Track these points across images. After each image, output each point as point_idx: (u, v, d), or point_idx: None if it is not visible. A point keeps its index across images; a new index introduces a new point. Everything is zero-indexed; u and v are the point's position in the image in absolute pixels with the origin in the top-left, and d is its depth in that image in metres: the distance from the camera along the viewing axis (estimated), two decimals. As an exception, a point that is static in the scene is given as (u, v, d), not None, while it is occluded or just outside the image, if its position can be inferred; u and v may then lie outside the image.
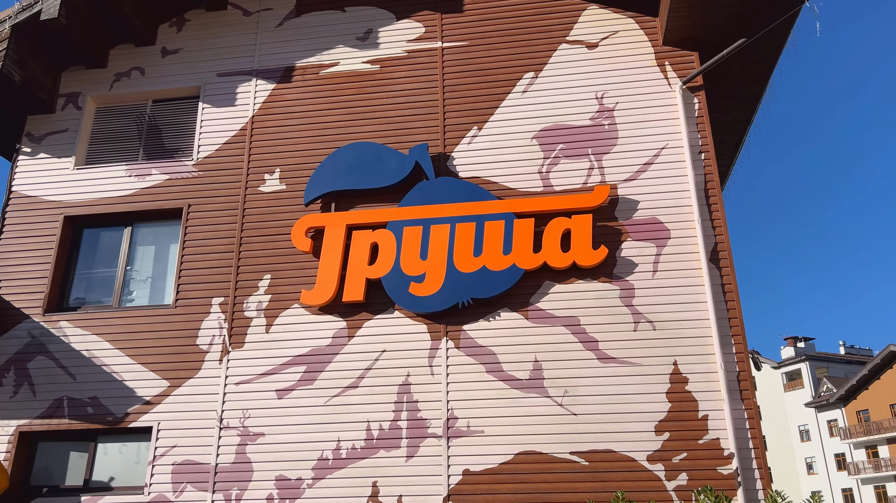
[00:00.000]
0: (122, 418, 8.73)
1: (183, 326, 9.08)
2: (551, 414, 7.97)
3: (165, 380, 8.83)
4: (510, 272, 8.48)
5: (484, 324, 8.50)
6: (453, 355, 8.42)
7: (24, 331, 9.33)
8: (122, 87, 10.71)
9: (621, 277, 8.44)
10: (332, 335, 8.75)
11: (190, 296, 9.24)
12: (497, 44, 9.94)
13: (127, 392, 8.84)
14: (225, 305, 9.11)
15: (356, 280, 8.78)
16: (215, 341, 8.95)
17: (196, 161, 9.97)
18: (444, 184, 9.12)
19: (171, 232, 9.90)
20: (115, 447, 8.81)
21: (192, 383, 8.77)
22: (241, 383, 8.68)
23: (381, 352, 8.56)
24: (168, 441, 8.52)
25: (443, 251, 8.71)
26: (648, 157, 8.96)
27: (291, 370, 8.65)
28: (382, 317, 8.73)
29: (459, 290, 8.51)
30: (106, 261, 9.95)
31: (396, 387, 8.37)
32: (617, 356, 8.10)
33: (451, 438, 8.03)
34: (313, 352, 8.69)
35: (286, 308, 8.98)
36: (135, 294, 9.73)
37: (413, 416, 8.20)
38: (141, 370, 8.93)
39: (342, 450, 8.16)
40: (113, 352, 9.08)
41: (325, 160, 9.50)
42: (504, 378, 8.20)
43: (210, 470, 8.29)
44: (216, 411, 8.57)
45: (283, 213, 9.48)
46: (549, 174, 9.08)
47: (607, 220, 8.71)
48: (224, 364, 8.80)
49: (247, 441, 8.38)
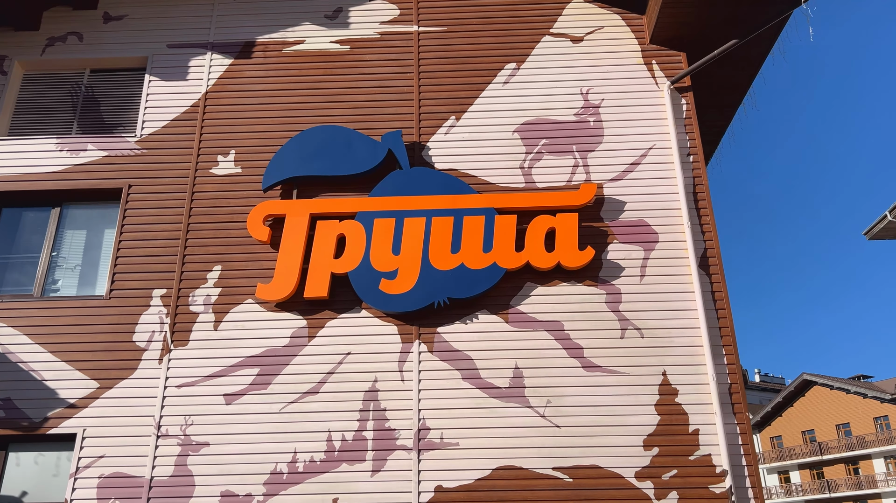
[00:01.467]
0: (39, 423, 7.56)
1: (117, 320, 8.00)
2: (532, 426, 7.33)
3: (94, 381, 7.72)
4: (490, 271, 7.84)
5: (460, 326, 7.80)
6: (426, 360, 7.67)
7: (-75, 321, 8.04)
8: (56, 52, 9.56)
9: (607, 281, 7.93)
10: (290, 335, 7.86)
11: (127, 286, 8.17)
12: (476, 31, 9.37)
13: (47, 393, 7.68)
14: (167, 298, 8.09)
15: (320, 274, 7.94)
16: (155, 338, 7.91)
17: (140, 138, 8.93)
18: (420, 174, 8.42)
19: (106, 215, 8.80)
20: (29, 457, 7.61)
21: (125, 384, 7.69)
22: (183, 386, 7.67)
23: (346, 355, 7.73)
24: (94, 450, 7.40)
25: (417, 246, 7.98)
26: (635, 157, 8.53)
27: (242, 372, 7.71)
28: (348, 315, 7.92)
29: (435, 289, 7.80)
30: (27, 245, 8.75)
31: (362, 393, 7.55)
32: (603, 365, 7.55)
33: (422, 451, 7.26)
34: (268, 353, 7.78)
35: (238, 303, 8.04)
36: (60, 284, 8.56)
37: (380, 426, 7.40)
38: (65, 369, 7.79)
39: (299, 462, 7.27)
40: (32, 347, 7.90)
41: (288, 143, 8.65)
42: (481, 386, 7.51)
43: (144, 484, 7.23)
44: (153, 417, 7.53)
45: (237, 198, 8.56)
46: (532, 170, 8.52)
47: (593, 220, 8.20)
48: (164, 364, 7.77)
49: (188, 451, 7.36)
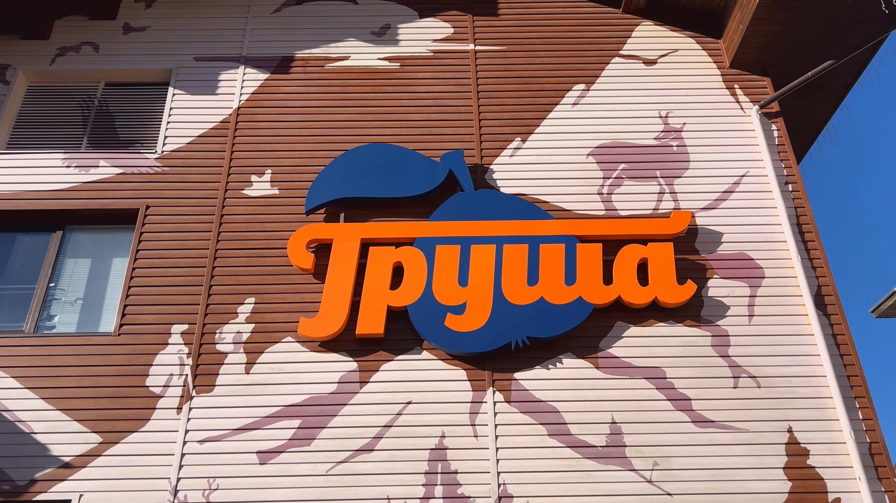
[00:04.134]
0: (23, 487, 6.05)
1: (128, 360, 6.63)
2: (639, 493, 6.01)
3: (95, 435, 6.28)
4: (576, 307, 6.68)
5: (542, 372, 6.57)
6: (503, 411, 6.39)
7: None
8: (67, 63, 8.51)
9: (711, 321, 6.80)
10: (338, 379, 6.55)
11: (141, 321, 6.84)
12: (538, 51, 8.54)
13: (35, 450, 6.21)
14: (189, 335, 6.76)
15: (374, 308, 6.71)
16: (173, 382, 6.54)
17: (160, 154, 7.79)
18: (486, 197, 7.36)
19: (116, 240, 7.55)
20: (7, 531, 6.07)
21: (135, 439, 6.26)
22: (207, 441, 6.26)
23: (406, 405, 6.42)
24: (92, 522, 5.91)
25: (488, 277, 6.83)
26: (728, 185, 7.57)
27: (280, 425, 6.33)
28: (407, 357, 6.65)
29: (512, 327, 6.59)
30: (19, 274, 7.42)
31: (427, 451, 6.20)
32: (716, 419, 6.32)
33: (505, 524, 5.89)
34: (311, 402, 6.44)
35: (275, 342, 6.74)
36: (57, 319, 7.20)
37: (452, 492, 6.02)
38: (60, 419, 6.34)
39: (352, 538, 5.83)
40: (20, 392, 6.47)
41: (334, 161, 7.57)
42: (573, 444, 6.22)
43: (154, 566, 5.72)
44: (169, 479, 6.07)
45: (273, 222, 7.38)
46: (612, 196, 7.50)
47: (687, 252, 7.15)
48: (184, 414, 6.37)
49: (212, 524, 5.90)
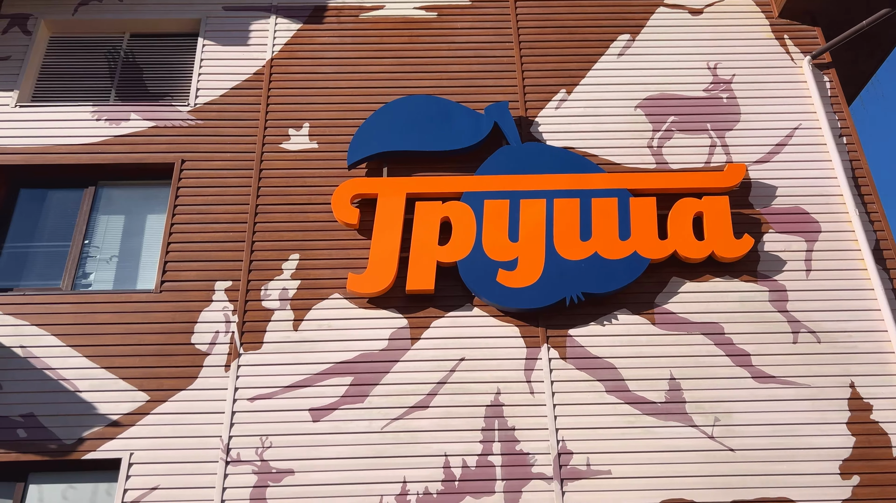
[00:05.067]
0: (71, 446, 5.91)
1: (171, 318, 6.45)
2: (700, 449, 5.92)
3: (143, 393, 6.13)
4: (631, 262, 6.51)
5: (597, 328, 6.43)
6: (559, 368, 6.26)
7: (-76, 317, 6.39)
8: (91, 12, 8.16)
9: (769, 276, 6.65)
10: (388, 336, 6.39)
11: (182, 278, 6.65)
12: (580, 1, 8.24)
13: (81, 408, 6.06)
14: (234, 292, 6.58)
15: (424, 264, 6.52)
16: (219, 340, 6.37)
17: (193, 107, 7.51)
18: (534, 151, 7.13)
19: (150, 196, 7.32)
20: (56, 490, 5.94)
21: (183, 397, 6.11)
22: (257, 398, 6.12)
23: (459, 362, 6.28)
24: (145, 481, 5.77)
25: (539, 232, 6.64)
26: (780, 138, 7.36)
27: (332, 382, 6.19)
28: (457, 314, 6.49)
29: (566, 283, 6.43)
30: (53, 232, 7.20)
31: (483, 408, 6.08)
32: (777, 375, 6.21)
33: (565, 481, 5.79)
34: (363, 359, 6.29)
35: (322, 298, 6.56)
36: (93, 277, 7.00)
37: (510, 450, 5.92)
38: (106, 377, 6.19)
39: (410, 494, 5.73)
40: (62, 350, 6.30)
41: (375, 114, 7.32)
42: (631, 400, 6.11)
43: (211, 524, 5.62)
44: (220, 437, 5.94)
45: (314, 176, 7.15)
46: (662, 149, 7.29)
47: (741, 206, 6.97)
48: (233, 371, 6.22)
49: (267, 481, 5.78)
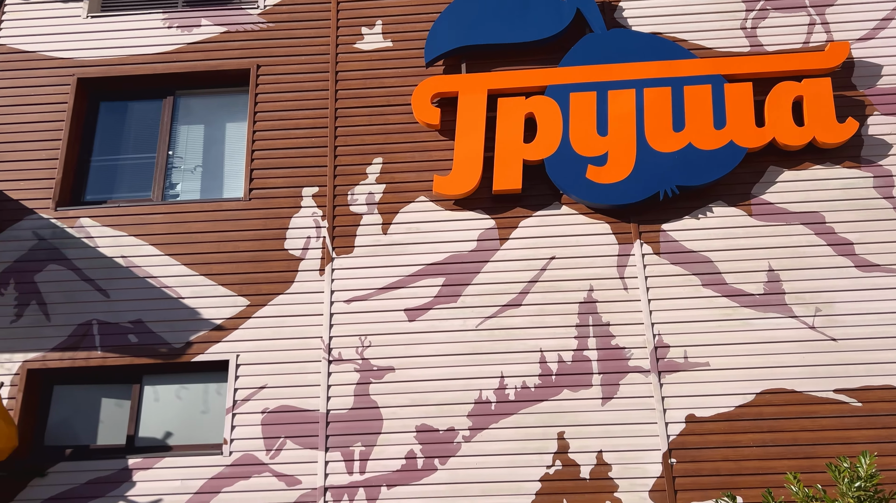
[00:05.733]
0: (181, 350, 6.18)
1: (263, 225, 6.54)
2: (801, 339, 5.86)
3: (243, 298, 6.31)
4: (727, 152, 6.26)
5: (692, 222, 6.28)
6: (653, 263, 6.18)
7: (28, 231, 6.61)
8: (149, -86, 7.88)
9: (873, 162, 6.33)
10: (476, 237, 6.38)
11: (270, 185, 6.68)
12: None
13: (186, 314, 6.29)
14: (321, 198, 6.60)
15: (509, 163, 6.40)
16: (311, 245, 6.46)
17: (263, 9, 7.31)
18: (620, 38, 6.78)
19: (227, 104, 7.27)
20: (169, 391, 6.27)
21: (282, 301, 6.28)
22: (353, 300, 6.24)
23: (550, 260, 6.25)
24: (253, 380, 6.04)
25: (629, 124, 6.41)
26: (886, 12, 6.82)
27: (424, 283, 6.26)
28: (546, 213, 6.41)
29: (658, 176, 6.25)
30: (136, 144, 7.26)
31: (577, 305, 6.09)
32: (881, 263, 6.02)
33: (662, 373, 5.83)
34: (453, 260, 6.31)
35: (409, 201, 6.54)
36: (179, 188, 7.10)
37: (605, 344, 5.96)
38: (206, 283, 6.37)
39: (508, 389, 5.87)
40: (161, 259, 6.48)
41: (448, 8, 7.00)
42: (729, 293, 6.03)
43: (319, 419, 5.87)
44: (321, 338, 6.13)
45: (391, 76, 6.97)
46: (757, 30, 6.85)
47: (844, 88, 6.57)
48: (327, 275, 6.33)
49: (369, 378, 5.98)
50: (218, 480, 5.75)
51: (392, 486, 5.65)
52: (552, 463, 5.63)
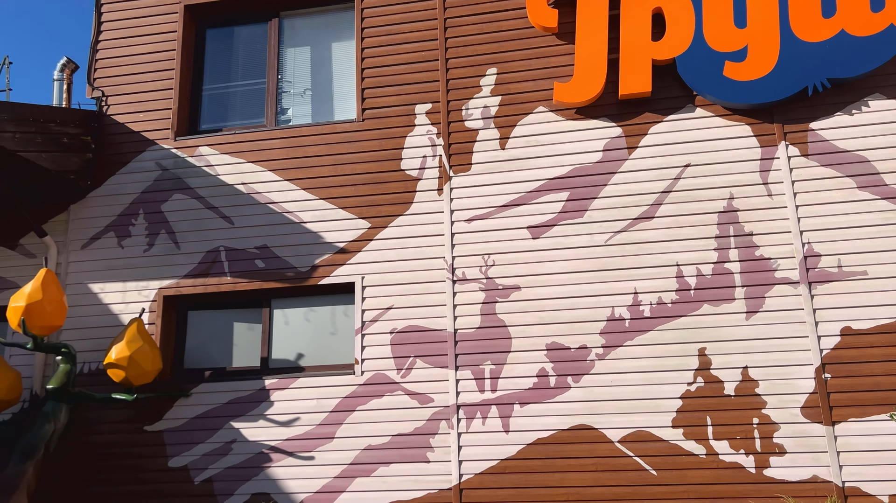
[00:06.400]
0: (307, 273, 6.22)
1: (378, 146, 6.39)
2: (975, 243, 5.28)
3: (363, 220, 6.24)
4: (887, 37, 5.56)
5: (844, 118, 5.68)
6: (800, 166, 5.66)
7: (151, 163, 6.74)
8: None
9: None
10: (602, 147, 6.01)
11: (382, 105, 6.49)
12: None
13: (310, 238, 6.30)
14: (435, 114, 6.37)
15: (637, 64, 5.93)
16: (428, 164, 6.28)
17: (362, -82, 6.95)
18: (759, -83, 6.05)
19: (332, 23, 7.05)
20: (298, 314, 6.36)
21: (402, 222, 6.17)
22: (474, 219, 6.07)
23: (684, 168, 5.83)
24: (380, 302, 6.03)
25: (772, 12, 5.78)
26: None
27: (547, 198, 5.99)
28: (678, 116, 5.95)
29: (807, 69, 5.64)
30: (245, 70, 7.19)
31: (715, 215, 5.69)
32: None
33: (813, 284, 5.40)
34: (577, 173, 5.99)
35: (527, 112, 6.21)
36: (290, 112, 7.01)
37: (749, 255, 5.56)
38: (326, 207, 6.34)
39: (643, 305, 5.61)
40: (281, 184, 6.47)
41: None
42: (889, 195, 5.46)
43: (447, 338, 5.82)
44: (444, 258, 6.01)
45: (502, -19, 6.54)
46: None
47: None
48: (446, 194, 6.16)
49: (496, 297, 5.85)
50: (352, 399, 5.84)
51: (525, 404, 5.57)
52: (693, 380, 5.39)
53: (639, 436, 5.36)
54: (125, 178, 6.73)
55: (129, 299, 6.41)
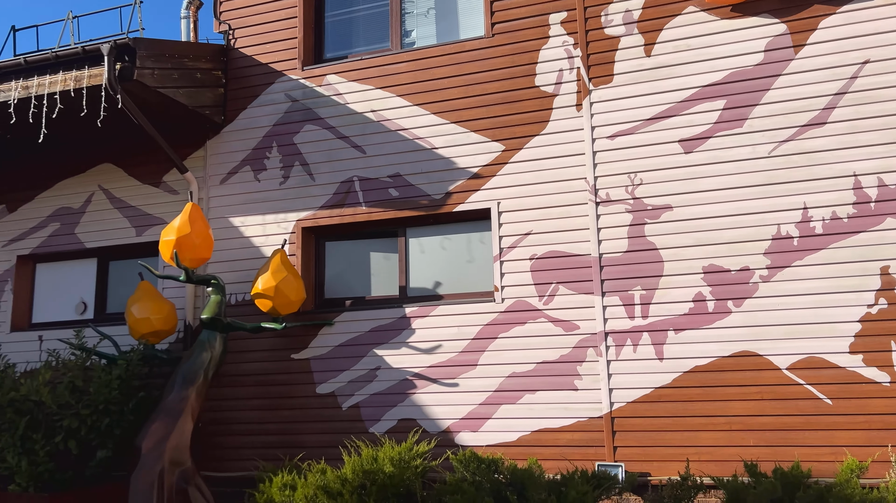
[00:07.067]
0: (440, 200, 6.06)
1: (510, 62, 6.04)
2: None
3: (497, 143, 5.97)
4: None
5: None
6: None
7: (280, 94, 6.70)
8: None
9: None
10: (763, 48, 5.39)
11: (513, 18, 6.10)
12: None
13: (442, 164, 6.10)
14: (571, 23, 5.91)
15: (805, -52, 5.21)
16: (565, 78, 5.87)
17: None
18: None
19: (454, -65, 6.64)
20: (434, 241, 6.25)
21: (538, 143, 5.85)
22: (617, 135, 5.65)
23: (862, 66, 5.14)
24: (518, 227, 5.79)
25: None
26: None
27: (701, 108, 5.48)
28: (854, 6, 5.21)
29: None
30: (365, -6, 6.95)
31: (901, 116, 5.01)
32: None
33: None
34: (734, 78, 5.42)
35: (674, 14, 5.65)
36: (415, 34, 6.74)
37: (943, 161, 4.89)
38: (458, 131, 6.10)
39: (814, 221, 5.07)
40: (410, 109, 6.27)
41: None
42: None
43: (592, 263, 5.53)
44: (585, 179, 5.67)
45: None
46: None
47: None
48: (585, 110, 5.76)
49: (644, 219, 5.47)
50: (493, 326, 5.71)
51: (680, 330, 5.24)
52: (874, 301, 4.86)
53: (810, 363, 4.93)
54: (257, 112, 6.74)
55: (268, 231, 6.50)
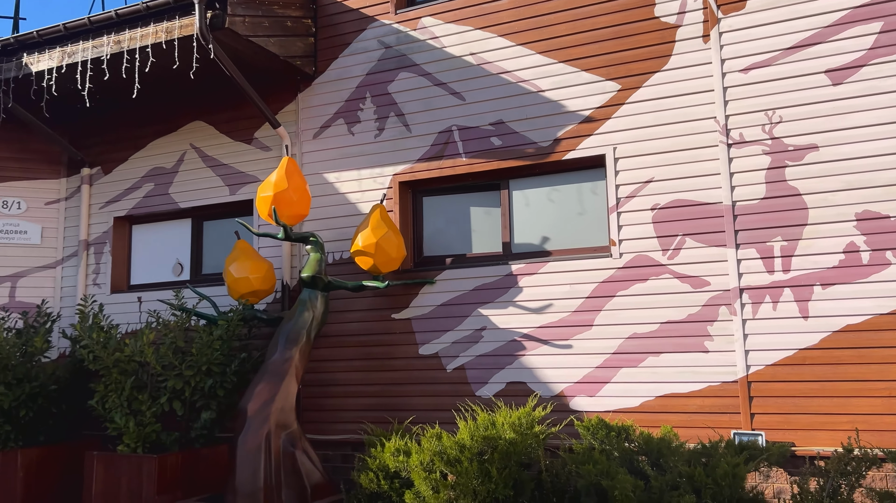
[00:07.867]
0: (548, 148, 5.60)
1: (625, -9, 5.46)
2: None
3: (612, 83, 5.43)
4: None
5: None
6: None
7: (373, 41, 6.33)
8: None
9: None
10: (931, -43, 4.63)
11: (626, -60, 5.50)
12: None
13: (549, 108, 5.62)
14: (696, -57, 5.27)
15: None
16: (689, 6, 5.26)
17: None
18: None
19: None
20: (540, 194, 5.81)
21: (659, 80, 5.28)
22: (752, 68, 5.02)
23: None
24: (637, 174, 5.28)
25: None
26: None
27: (852, 32, 4.78)
28: None
29: None
30: (458, -72, 6.44)
31: None
32: None
33: None
34: (895, -5, 4.70)
35: (821, -75, 4.93)
36: (512, -30, 6.20)
37: None
38: (566, 71, 5.59)
39: None
40: (514, 50, 5.80)
41: None
42: None
43: (724, 212, 4.98)
44: (714, 119, 5.09)
45: None
46: None
47: None
48: (714, 41, 5.14)
49: (784, 161, 4.87)
50: (610, 284, 5.26)
51: (828, 285, 4.66)
52: None
53: None
54: (348, 61, 6.41)
55: (364, 187, 6.21)
